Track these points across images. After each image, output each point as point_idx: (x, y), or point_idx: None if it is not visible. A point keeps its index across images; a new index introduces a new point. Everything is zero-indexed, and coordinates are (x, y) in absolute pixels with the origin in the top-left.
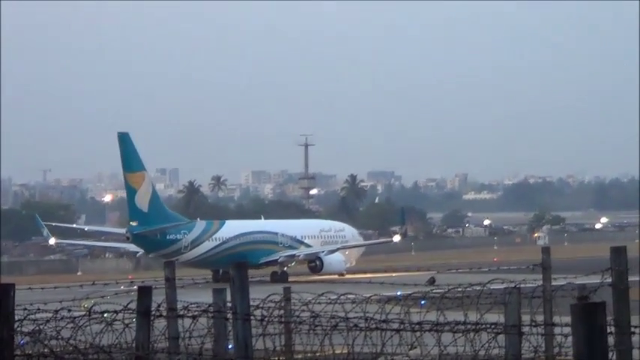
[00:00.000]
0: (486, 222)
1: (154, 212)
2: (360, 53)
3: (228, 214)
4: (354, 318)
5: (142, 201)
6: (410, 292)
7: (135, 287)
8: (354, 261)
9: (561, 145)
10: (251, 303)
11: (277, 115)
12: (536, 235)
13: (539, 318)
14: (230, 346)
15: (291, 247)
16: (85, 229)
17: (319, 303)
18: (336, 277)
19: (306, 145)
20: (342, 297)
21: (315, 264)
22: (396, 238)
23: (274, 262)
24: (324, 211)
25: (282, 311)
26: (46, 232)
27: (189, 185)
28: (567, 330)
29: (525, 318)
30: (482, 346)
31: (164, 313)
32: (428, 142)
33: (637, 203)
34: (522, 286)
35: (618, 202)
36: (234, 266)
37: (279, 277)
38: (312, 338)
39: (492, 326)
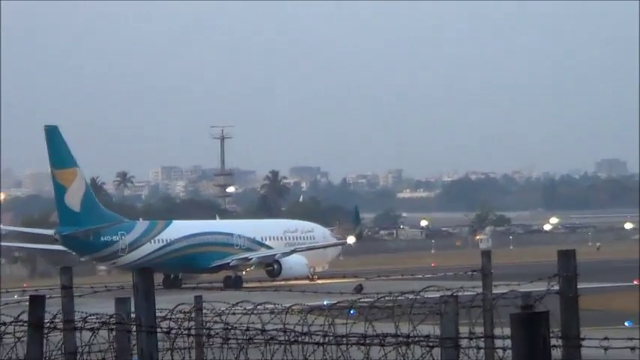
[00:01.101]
0: (423, 223)
1: (87, 212)
2: (283, 42)
3: (135, 214)
4: (273, 330)
5: (73, 200)
6: (335, 302)
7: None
8: (327, 264)
9: (506, 137)
10: (158, 314)
11: (190, 106)
12: (478, 237)
13: (479, 329)
14: None
15: (248, 250)
16: None
17: (234, 313)
18: (305, 281)
19: (222, 138)
20: (259, 307)
21: (272, 268)
22: (350, 240)
23: (227, 266)
24: (242, 210)
25: (192, 323)
26: None
27: (91, 182)
28: (509, 342)
29: (463, 330)
30: None
31: (60, 326)
32: (358, 134)
33: (589, 202)
34: (460, 294)
35: (569, 201)
36: (138, 272)
37: (233, 282)
38: (226, 353)
39: (426, 339)
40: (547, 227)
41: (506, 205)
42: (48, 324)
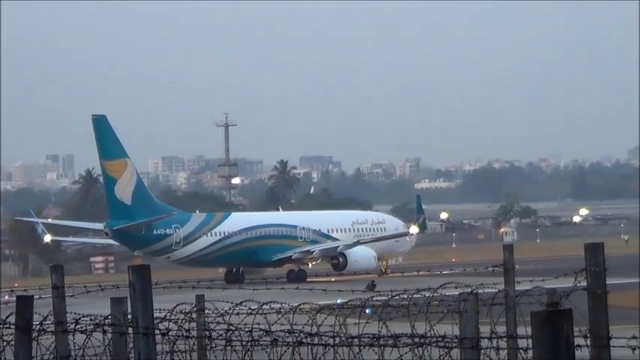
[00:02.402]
0: (443, 215)
1: (138, 204)
2: (291, 28)
3: None
4: (279, 331)
5: (124, 192)
6: (346, 300)
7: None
8: (400, 257)
9: (532, 123)
10: (157, 314)
11: (191, 93)
12: (502, 230)
13: (501, 329)
14: None
15: (313, 242)
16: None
17: (238, 314)
18: (374, 275)
19: (227, 126)
20: (264, 306)
21: (337, 261)
22: (414, 230)
23: (289, 259)
24: (248, 203)
25: (193, 324)
26: (41, 228)
27: (87, 174)
28: None
29: (484, 329)
30: None
31: (51, 328)
32: (372, 121)
33: (622, 191)
34: (480, 291)
35: (600, 191)
36: (135, 269)
37: (296, 276)
38: (230, 355)
39: (444, 339)
40: (576, 219)
41: (532, 196)
42: (38, 326)
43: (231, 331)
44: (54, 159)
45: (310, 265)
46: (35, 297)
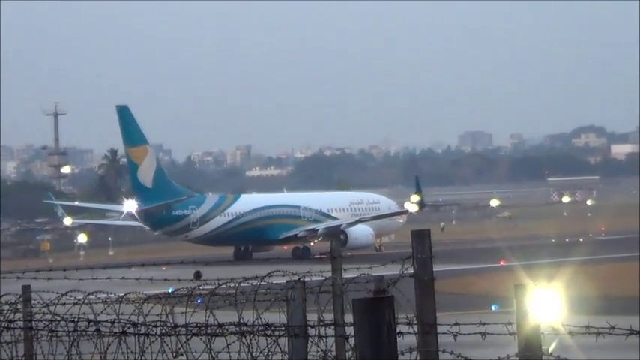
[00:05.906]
0: None
1: (158, 187)
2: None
3: None
4: (105, 321)
5: (145, 176)
6: (175, 289)
7: None
8: (393, 235)
9: (362, 110)
10: None
11: (20, 79)
12: None
13: (329, 316)
14: None
15: (315, 221)
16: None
17: (64, 304)
18: (371, 251)
19: (56, 115)
20: (90, 296)
21: (338, 238)
22: (413, 208)
23: (294, 238)
24: (78, 192)
25: (19, 314)
26: (60, 211)
27: None
28: None
29: (312, 317)
30: (261, 352)
31: None
32: (203, 109)
33: (453, 178)
34: (307, 279)
35: (431, 177)
36: None
37: (301, 254)
38: (56, 346)
39: (271, 327)
40: (407, 206)
41: (363, 183)
42: None
43: (56, 322)
44: None
45: (313, 242)
46: None
